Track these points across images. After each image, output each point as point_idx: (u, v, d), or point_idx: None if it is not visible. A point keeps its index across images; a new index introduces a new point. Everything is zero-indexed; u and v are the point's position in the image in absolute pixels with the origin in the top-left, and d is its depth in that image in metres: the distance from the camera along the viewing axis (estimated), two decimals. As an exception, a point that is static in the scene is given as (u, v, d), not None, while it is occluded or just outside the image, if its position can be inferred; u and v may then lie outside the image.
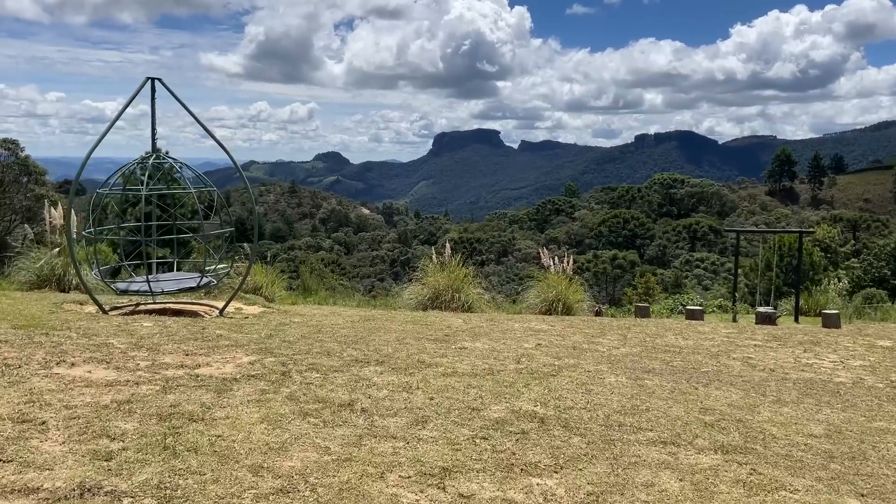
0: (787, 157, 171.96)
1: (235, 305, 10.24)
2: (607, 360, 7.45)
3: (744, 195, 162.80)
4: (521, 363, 6.83)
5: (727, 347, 8.94)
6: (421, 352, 7.08)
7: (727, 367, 7.54)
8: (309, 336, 7.54)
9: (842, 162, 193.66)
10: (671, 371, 7.07)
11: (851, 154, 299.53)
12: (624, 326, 10.63)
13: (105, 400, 4.63)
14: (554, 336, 9.01)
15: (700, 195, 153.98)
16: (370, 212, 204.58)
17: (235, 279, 17.02)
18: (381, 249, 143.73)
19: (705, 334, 10.20)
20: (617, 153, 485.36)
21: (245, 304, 10.52)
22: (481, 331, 9.09)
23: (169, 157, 9.41)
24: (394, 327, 8.97)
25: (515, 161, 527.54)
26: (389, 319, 10.09)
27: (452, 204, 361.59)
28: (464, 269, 16.04)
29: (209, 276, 9.64)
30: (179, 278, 9.55)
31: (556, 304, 15.47)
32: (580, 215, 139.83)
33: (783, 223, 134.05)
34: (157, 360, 5.78)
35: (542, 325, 10.22)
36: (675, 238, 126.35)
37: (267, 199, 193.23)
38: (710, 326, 11.39)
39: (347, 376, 5.77)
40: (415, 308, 15.56)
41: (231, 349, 6.44)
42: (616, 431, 4.77)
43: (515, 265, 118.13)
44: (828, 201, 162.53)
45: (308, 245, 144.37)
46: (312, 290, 20.48)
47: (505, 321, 10.51)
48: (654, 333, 9.89)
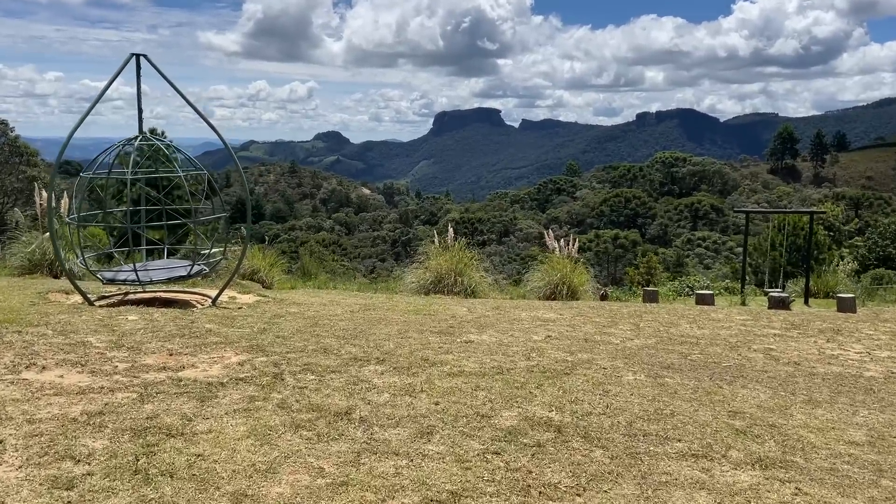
0: (789, 135, 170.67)
1: (229, 294, 9.78)
2: (622, 354, 6.99)
3: (746, 173, 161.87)
4: (531, 359, 6.37)
5: (746, 337, 8.48)
6: (424, 347, 6.62)
7: (749, 361, 7.08)
8: (305, 330, 7.07)
9: (844, 139, 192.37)
10: (691, 366, 6.61)
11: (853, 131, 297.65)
12: (635, 314, 10.17)
13: (74, 411, 4.16)
14: (564, 327, 8.55)
15: (702, 174, 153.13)
16: (371, 192, 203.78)
17: (232, 263, 16.61)
18: (382, 230, 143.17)
19: (720, 322, 9.74)
20: (618, 132, 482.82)
21: (240, 293, 10.05)
22: (487, 321, 8.63)
23: (156, 138, 8.89)
24: (395, 318, 8.51)
25: (516, 140, 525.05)
26: (391, 308, 9.62)
27: (453, 183, 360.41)
28: (467, 253, 15.58)
29: (200, 264, 9.17)
30: (170, 266, 9.08)
31: (560, 287, 15.03)
32: (581, 195, 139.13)
33: (785, 201, 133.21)
34: (137, 362, 5.31)
35: (550, 313, 9.76)
36: (677, 217, 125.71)
37: (267, 180, 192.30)
38: (723, 313, 10.94)
39: (345, 378, 5.31)
40: (417, 292, 15.12)
41: (220, 347, 5.98)
42: (641, 442, 4.32)
43: (517, 245, 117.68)
44: (830, 179, 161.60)
45: (309, 225, 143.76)
46: (312, 274, 20.02)
47: (511, 310, 10.05)
48: (667, 322, 9.43)
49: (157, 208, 10.12)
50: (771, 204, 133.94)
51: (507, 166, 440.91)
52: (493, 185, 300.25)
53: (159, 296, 9.47)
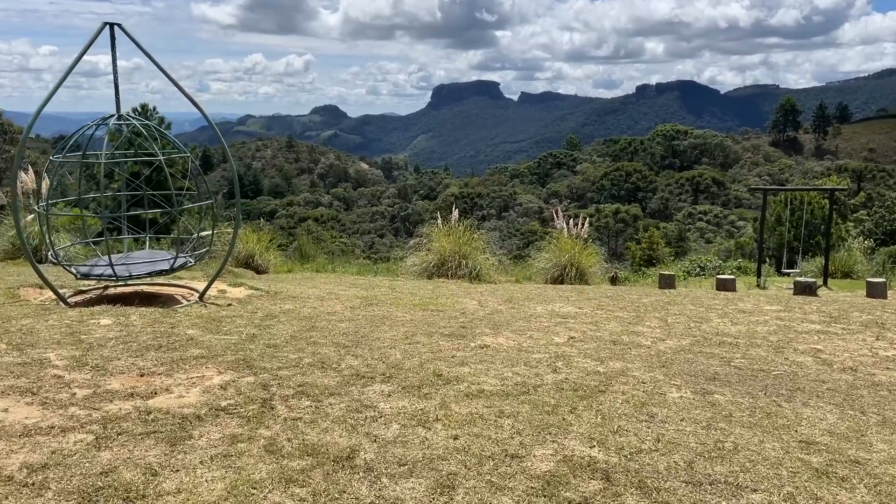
0: (791, 107, 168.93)
1: (219, 287, 8.97)
2: (658, 360, 6.20)
3: (747, 146, 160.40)
4: (558, 371, 5.58)
5: (786, 335, 7.70)
6: (435, 356, 5.82)
7: (800, 367, 6.29)
8: (300, 335, 6.26)
9: (846, 111, 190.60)
10: (738, 376, 5.82)
11: (854, 102, 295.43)
12: (658, 306, 9.38)
13: (11, 465, 3.36)
14: (586, 324, 7.75)
15: (703, 147, 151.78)
16: (369, 167, 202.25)
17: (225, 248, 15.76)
18: (380, 205, 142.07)
19: (752, 315, 8.96)
20: (618, 104, 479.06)
21: (230, 285, 9.24)
22: (501, 319, 7.83)
23: (134, 118, 8.01)
24: (400, 316, 7.70)
25: (515, 113, 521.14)
26: (395, 302, 8.82)
27: (452, 157, 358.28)
28: (471, 234, 14.79)
29: (185, 256, 8.34)
30: (152, 259, 8.25)
31: (568, 269, 14.27)
32: (582, 168, 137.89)
33: (787, 174, 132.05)
34: (100, 387, 4.50)
35: (567, 306, 8.96)
36: (678, 191, 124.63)
37: (264, 155, 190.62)
38: (751, 302, 10.16)
39: (346, 402, 4.51)
40: (419, 276, 14.32)
41: (201, 362, 5.17)
42: (710, 494, 3.53)
43: (517, 220, 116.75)
44: (832, 151, 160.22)
45: (307, 201, 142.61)
46: (310, 257, 19.21)
47: (525, 302, 9.25)
48: (696, 316, 8.65)
49: (138, 193, 9.26)
50: (773, 177, 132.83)
51: (506, 140, 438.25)
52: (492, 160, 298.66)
53: (142, 289, 8.66)
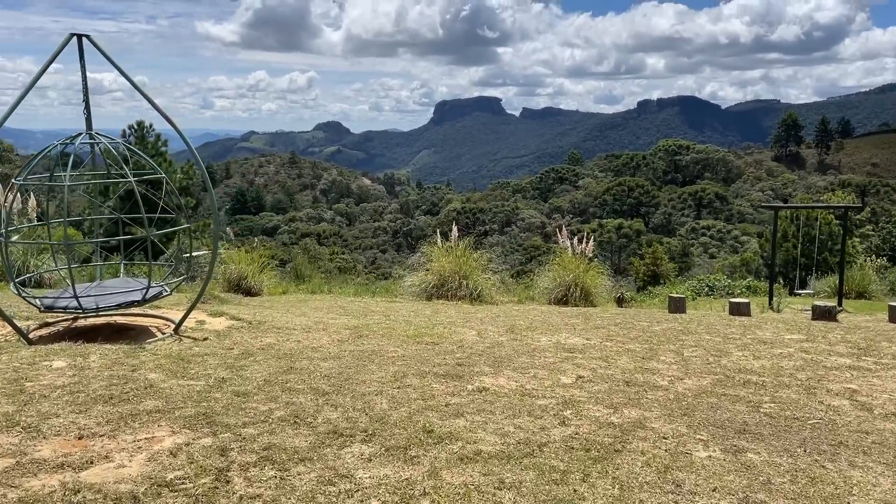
0: (793, 122, 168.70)
1: (198, 317, 8.30)
2: (678, 406, 5.51)
3: (750, 161, 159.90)
4: (566, 423, 4.88)
5: (815, 371, 7.00)
6: (427, 404, 5.14)
7: (837, 413, 5.60)
8: (275, 379, 5.58)
9: (849, 126, 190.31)
10: (771, 427, 5.13)
11: (856, 117, 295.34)
12: (672, 335, 8.69)
13: None
14: (594, 359, 7.06)
15: (705, 161, 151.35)
16: (371, 182, 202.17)
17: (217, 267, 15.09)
18: (382, 220, 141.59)
19: (773, 345, 8.27)
20: (619, 119, 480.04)
21: (210, 315, 8.56)
22: (502, 353, 7.15)
23: (102, 136, 7.37)
24: (391, 350, 7.02)
25: (517, 129, 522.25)
26: (387, 332, 8.14)
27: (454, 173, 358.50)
28: (472, 254, 14.19)
29: (159, 285, 7.68)
30: (123, 288, 7.59)
31: (573, 289, 13.68)
32: (584, 183, 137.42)
33: (790, 189, 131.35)
34: (27, 455, 3.82)
35: (574, 337, 8.27)
36: (681, 206, 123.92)
37: (267, 171, 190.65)
38: (770, 330, 9.47)
39: (318, 471, 3.82)
40: (418, 296, 13.70)
41: (154, 418, 4.48)
42: None
43: (519, 235, 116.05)
44: (835, 166, 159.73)
45: (309, 217, 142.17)
46: (305, 277, 18.56)
47: (527, 332, 8.57)
48: (713, 348, 7.95)
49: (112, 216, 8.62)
50: (776, 192, 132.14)
51: (508, 155, 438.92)
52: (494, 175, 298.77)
53: (115, 320, 8.00)
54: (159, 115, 7.29)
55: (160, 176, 7.39)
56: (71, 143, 7.25)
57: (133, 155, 7.93)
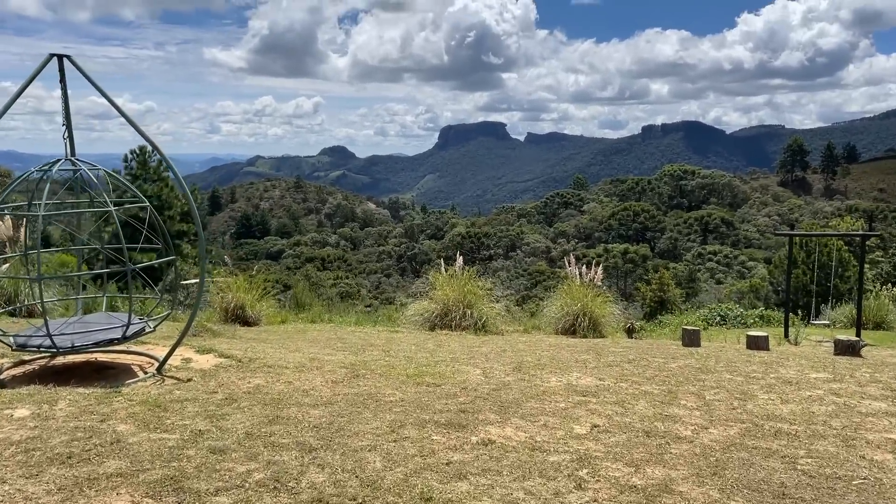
0: (799, 147, 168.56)
1: (184, 354, 7.78)
2: (706, 463, 4.95)
3: (755, 186, 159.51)
4: (583, 486, 4.33)
5: (849, 417, 6.43)
6: (425, 462, 4.59)
7: (882, 470, 5.03)
8: (258, 432, 5.04)
9: (854, 151, 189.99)
10: (814, 490, 4.56)
11: (861, 142, 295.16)
12: (691, 374, 8.13)
13: None
14: (609, 403, 6.51)
15: (711, 186, 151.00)
16: (376, 207, 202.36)
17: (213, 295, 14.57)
18: (387, 245, 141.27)
19: (799, 386, 7.70)
20: (624, 144, 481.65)
21: (198, 351, 8.03)
22: (509, 396, 6.60)
23: (82, 162, 6.92)
24: (389, 393, 6.48)
25: (522, 153, 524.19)
26: (386, 370, 7.61)
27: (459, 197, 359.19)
28: (476, 282, 13.68)
29: (143, 320, 7.18)
30: (103, 325, 7.08)
31: (581, 319, 13.15)
32: (589, 208, 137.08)
33: (797, 214, 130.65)
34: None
35: (586, 377, 7.72)
36: (687, 231, 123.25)
37: (272, 195, 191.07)
38: (793, 368, 8.90)
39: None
40: (421, 326, 13.18)
41: (113, 485, 3.94)
42: None
43: (524, 260, 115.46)
44: (841, 191, 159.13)
45: (314, 241, 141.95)
46: (306, 305, 18.06)
47: (536, 371, 8.02)
48: (736, 390, 7.39)
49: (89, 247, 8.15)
50: (782, 217, 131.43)
51: (512, 180, 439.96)
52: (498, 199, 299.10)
53: (95, 358, 7.49)
54: (144, 138, 6.85)
55: (144, 204, 6.92)
56: (49, 170, 6.80)
57: (117, 182, 7.47)
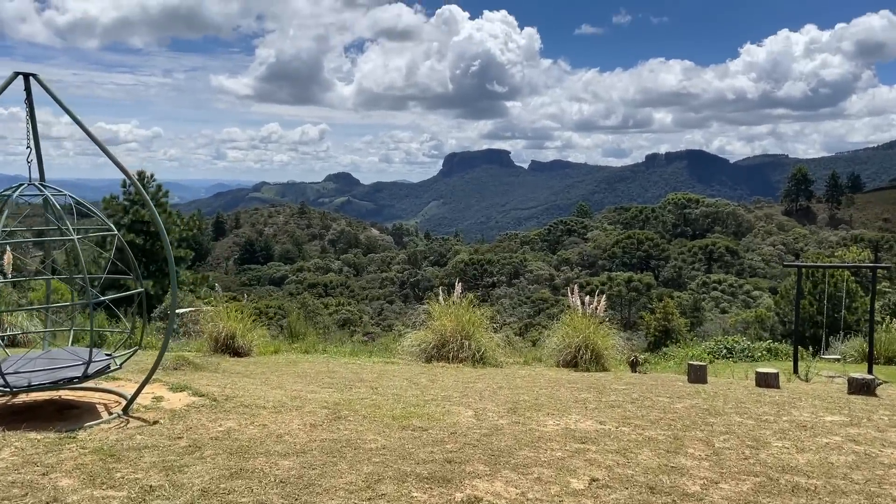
0: (803, 176, 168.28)
1: (156, 392, 7.29)
2: (716, 524, 4.42)
3: (760, 215, 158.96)
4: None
5: (871, 469, 5.91)
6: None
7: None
8: (217, 487, 4.54)
9: (859, 180, 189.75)
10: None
11: (865, 172, 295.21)
12: (697, 417, 7.61)
13: None
14: (610, 452, 6.00)
15: (715, 215, 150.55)
16: (380, 233, 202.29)
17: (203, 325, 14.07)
18: (390, 271, 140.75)
19: (815, 431, 7.17)
20: (628, 172, 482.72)
21: (171, 389, 7.54)
22: (501, 443, 6.09)
23: (48, 186, 6.49)
24: (370, 439, 5.98)
25: (526, 181, 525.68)
26: (371, 411, 7.11)
27: (463, 224, 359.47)
28: (475, 311, 13.18)
29: (108, 357, 6.69)
30: (65, 362, 6.59)
31: (582, 351, 12.64)
32: (593, 236, 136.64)
33: (802, 244, 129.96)
34: None
35: (585, 421, 7.20)
36: (691, 259, 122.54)
37: (276, 221, 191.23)
38: (806, 410, 8.37)
39: None
40: (418, 357, 12.69)
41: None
42: None
43: (527, 287, 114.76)
44: (846, 221, 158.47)
45: (317, 267, 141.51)
46: (300, 335, 17.55)
47: (532, 413, 7.52)
48: (747, 435, 6.87)
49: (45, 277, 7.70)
50: (787, 246, 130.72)
51: (516, 207, 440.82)
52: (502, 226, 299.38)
53: (59, 396, 7.01)
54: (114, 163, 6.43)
55: (113, 233, 6.47)
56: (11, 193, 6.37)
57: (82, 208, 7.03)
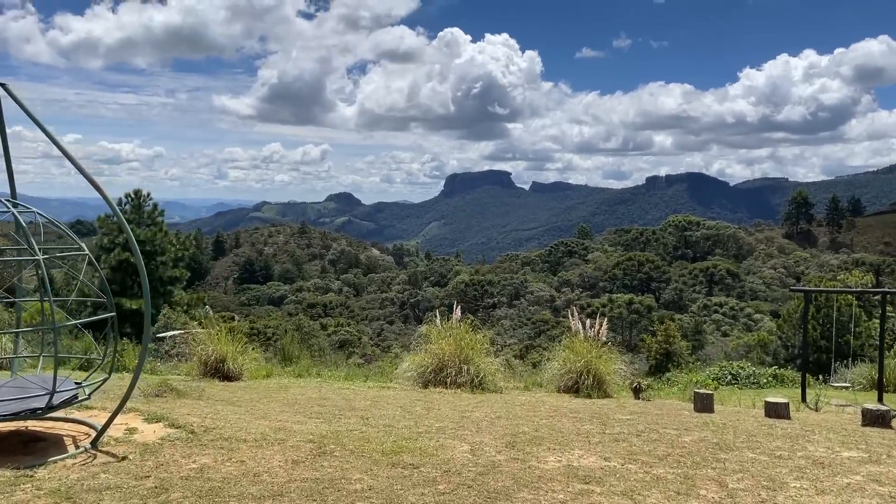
0: (803, 200, 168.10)
1: (131, 423, 6.81)
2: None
3: (760, 238, 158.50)
4: None
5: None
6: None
7: None
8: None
9: (859, 204, 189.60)
10: None
11: (865, 196, 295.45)
12: (707, 452, 7.16)
13: None
14: (616, 495, 5.55)
15: (716, 238, 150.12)
16: (380, 253, 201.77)
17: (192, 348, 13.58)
18: (390, 291, 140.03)
19: (833, 470, 6.72)
20: (628, 195, 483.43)
21: (146, 420, 7.06)
22: (498, 483, 5.64)
23: (11, 202, 6.06)
24: (355, 479, 5.52)
25: (527, 202, 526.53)
26: (359, 445, 6.65)
27: (464, 244, 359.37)
28: (475, 335, 12.71)
29: (75, 387, 6.23)
30: (31, 391, 6.13)
31: (584, 376, 12.18)
32: (593, 257, 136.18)
33: (802, 267, 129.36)
34: None
35: (589, 455, 6.75)
36: (692, 282, 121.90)
37: (277, 240, 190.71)
38: (821, 444, 7.91)
39: None
40: (415, 382, 12.22)
41: None
42: None
43: (528, 308, 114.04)
44: (847, 244, 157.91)
45: (317, 287, 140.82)
46: (293, 359, 17.06)
47: (532, 447, 7.06)
48: (762, 474, 6.42)
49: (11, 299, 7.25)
50: (788, 270, 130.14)
51: (517, 228, 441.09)
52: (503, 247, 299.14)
53: (26, 427, 6.54)
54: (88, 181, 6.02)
55: (84, 252, 6.04)
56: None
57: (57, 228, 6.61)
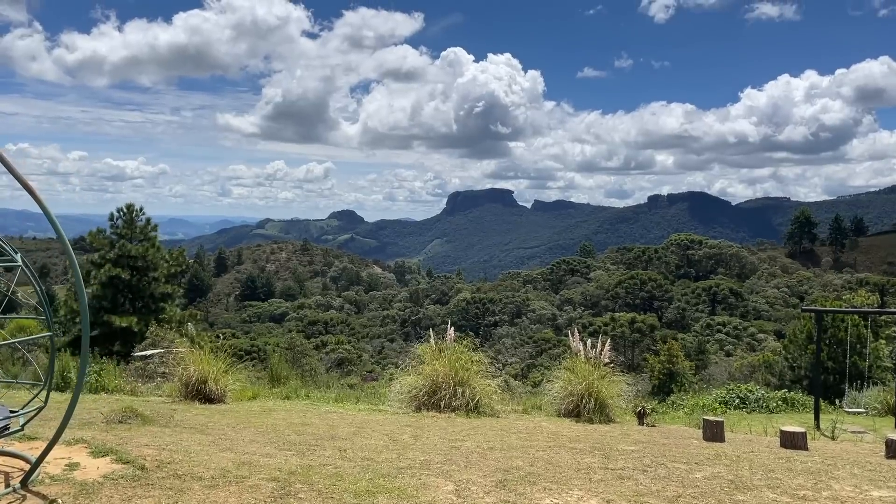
0: (806, 219, 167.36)
1: (75, 457, 6.06)
2: None
3: (763, 257, 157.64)
4: None
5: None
6: None
7: None
8: None
9: (862, 224, 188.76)
10: None
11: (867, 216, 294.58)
12: (721, 492, 6.50)
13: None
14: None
15: (718, 256, 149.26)
16: (382, 270, 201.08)
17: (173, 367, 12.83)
18: (391, 309, 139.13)
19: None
20: (630, 213, 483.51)
21: (93, 453, 6.24)
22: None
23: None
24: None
25: (529, 220, 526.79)
26: (331, 484, 5.91)
27: (466, 262, 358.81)
28: (469, 356, 12.02)
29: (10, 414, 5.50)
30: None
31: (586, 399, 11.53)
32: (596, 276, 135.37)
33: (806, 286, 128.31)
34: None
35: (590, 500, 6.03)
36: (695, 301, 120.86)
37: (279, 257, 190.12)
38: (847, 481, 7.25)
39: None
40: (408, 405, 11.53)
41: None
42: None
43: (529, 327, 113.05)
44: (850, 264, 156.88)
45: (318, 304, 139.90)
46: (282, 380, 16.26)
47: (527, 488, 6.37)
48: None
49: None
50: (791, 289, 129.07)
51: (519, 246, 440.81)
52: (505, 265, 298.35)
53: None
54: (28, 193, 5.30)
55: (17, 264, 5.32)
56: None
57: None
